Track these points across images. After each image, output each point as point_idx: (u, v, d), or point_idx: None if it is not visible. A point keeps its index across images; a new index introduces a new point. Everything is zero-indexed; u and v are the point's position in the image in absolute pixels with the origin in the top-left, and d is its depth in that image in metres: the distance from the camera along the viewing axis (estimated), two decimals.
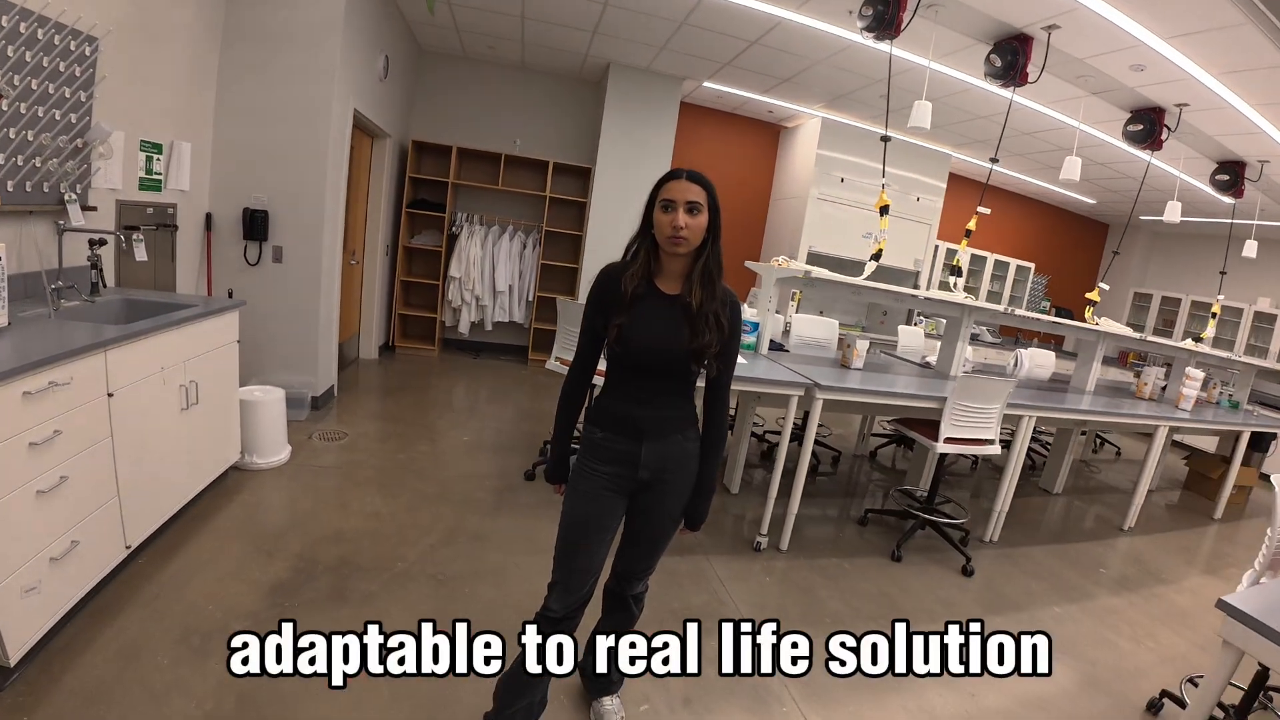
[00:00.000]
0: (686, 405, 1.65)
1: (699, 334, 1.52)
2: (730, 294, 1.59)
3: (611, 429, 1.61)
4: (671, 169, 1.56)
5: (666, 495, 1.65)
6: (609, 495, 1.62)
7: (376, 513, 3.02)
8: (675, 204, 1.48)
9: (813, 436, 3.12)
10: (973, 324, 4.31)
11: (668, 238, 1.50)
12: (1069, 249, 9.45)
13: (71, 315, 2.51)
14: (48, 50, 2.41)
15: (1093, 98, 4.67)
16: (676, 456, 1.62)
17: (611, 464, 1.60)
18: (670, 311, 1.55)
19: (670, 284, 1.58)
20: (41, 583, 1.85)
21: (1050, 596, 3.23)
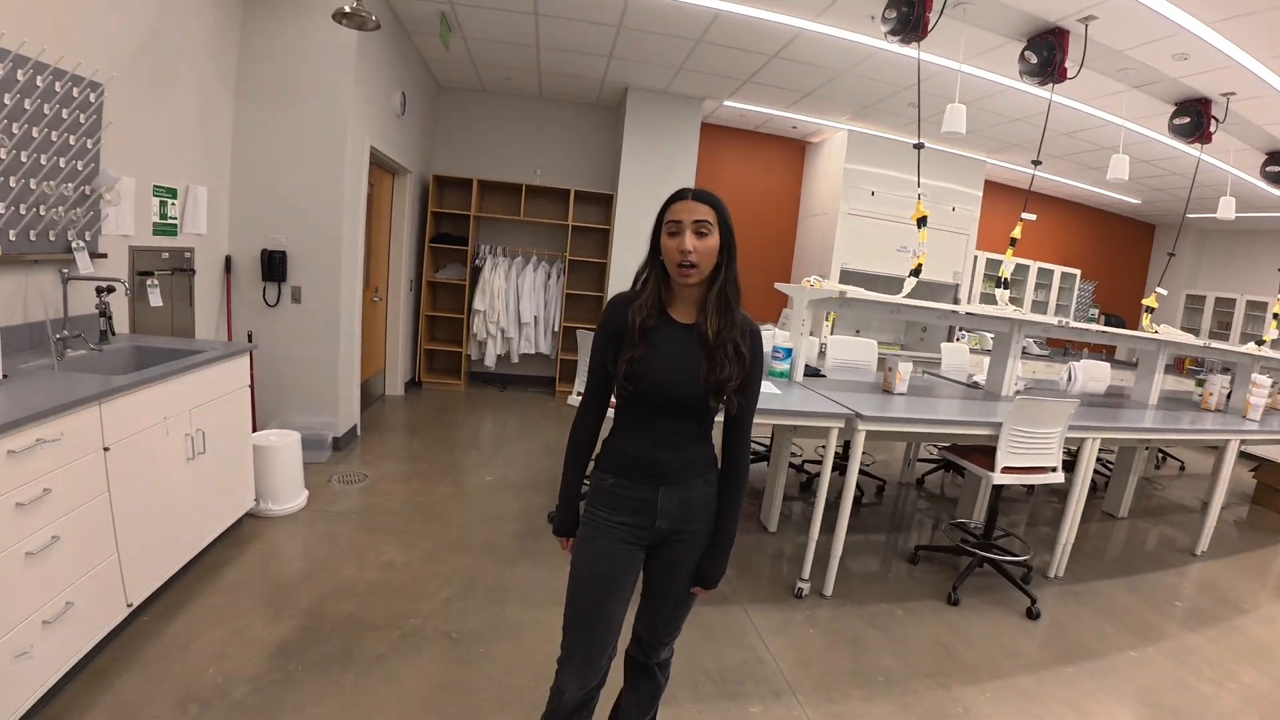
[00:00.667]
0: (706, 446, 1.50)
1: (718, 366, 1.37)
2: (750, 322, 1.45)
3: (625, 474, 1.45)
4: (677, 189, 1.42)
5: (691, 546, 1.49)
6: (624, 549, 1.46)
7: (392, 563, 2.86)
8: (682, 226, 1.35)
9: (856, 470, 2.87)
10: (1023, 338, 4.01)
11: (676, 265, 1.36)
12: (1115, 253, 8.99)
13: (76, 365, 2.44)
14: (47, 97, 2.38)
15: (1134, 92, 4.41)
16: (700, 502, 1.47)
17: (626, 514, 1.45)
18: (686, 343, 1.41)
19: (685, 312, 1.44)
20: (33, 647, 1.74)
21: (1124, 638, 2.91)
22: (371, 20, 3.16)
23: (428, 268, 6.19)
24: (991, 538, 3.41)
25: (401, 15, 4.50)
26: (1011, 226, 4.03)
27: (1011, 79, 4.43)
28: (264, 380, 4.06)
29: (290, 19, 3.76)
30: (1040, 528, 4.30)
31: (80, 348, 2.57)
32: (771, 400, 2.90)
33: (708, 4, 3.86)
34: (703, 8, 3.93)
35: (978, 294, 7.37)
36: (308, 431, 3.95)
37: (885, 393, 3.43)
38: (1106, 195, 7.85)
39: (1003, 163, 6.86)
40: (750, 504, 4.07)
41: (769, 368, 3.48)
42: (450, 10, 4.32)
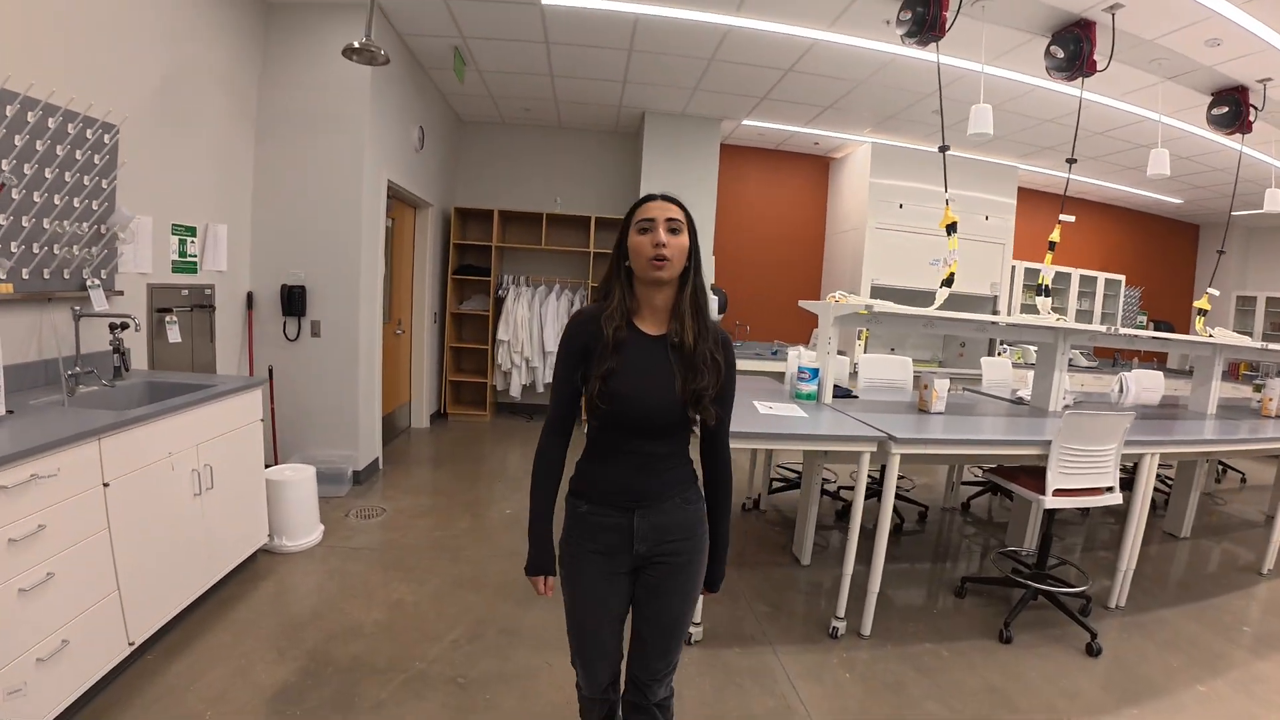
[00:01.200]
0: (683, 463, 1.45)
1: (696, 375, 1.33)
2: (721, 330, 1.43)
3: (598, 500, 1.41)
4: (646, 194, 1.40)
5: (675, 571, 1.43)
6: (607, 578, 1.42)
7: (401, 601, 2.74)
8: (654, 223, 1.33)
9: (892, 495, 2.65)
10: (1069, 349, 3.75)
11: (649, 259, 1.32)
12: (1160, 256, 8.56)
13: (87, 401, 2.44)
14: (59, 138, 2.42)
15: (1168, 83, 4.20)
16: (679, 523, 1.42)
17: (602, 542, 1.41)
18: (658, 354, 1.36)
19: (653, 323, 1.40)
20: (27, 685, 1.71)
21: (1191, 671, 2.63)
22: (381, 55, 3.17)
23: (451, 299, 6.20)
24: (1045, 567, 3.13)
25: (416, 52, 4.57)
26: (1049, 232, 3.81)
27: (1038, 78, 4.25)
28: (285, 414, 4.06)
29: (305, 57, 3.84)
30: (1097, 552, 3.97)
31: (93, 384, 2.58)
32: (798, 424, 2.73)
33: (716, 20, 3.81)
34: (712, 24, 3.88)
35: (1018, 305, 7.05)
36: (328, 465, 3.91)
37: (921, 412, 3.22)
38: (1147, 196, 7.50)
39: (1035, 167, 6.61)
40: (781, 534, 3.86)
41: (795, 390, 3.31)
42: (463, 44, 4.37)
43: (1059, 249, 3.85)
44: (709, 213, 6.04)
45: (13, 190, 2.25)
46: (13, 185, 2.24)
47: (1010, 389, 4.77)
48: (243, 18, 3.64)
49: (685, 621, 1.47)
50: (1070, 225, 3.74)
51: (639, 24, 3.95)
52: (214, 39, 3.41)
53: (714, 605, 2.83)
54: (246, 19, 3.68)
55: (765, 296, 6.99)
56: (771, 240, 7.06)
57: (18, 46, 2.27)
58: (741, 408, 2.96)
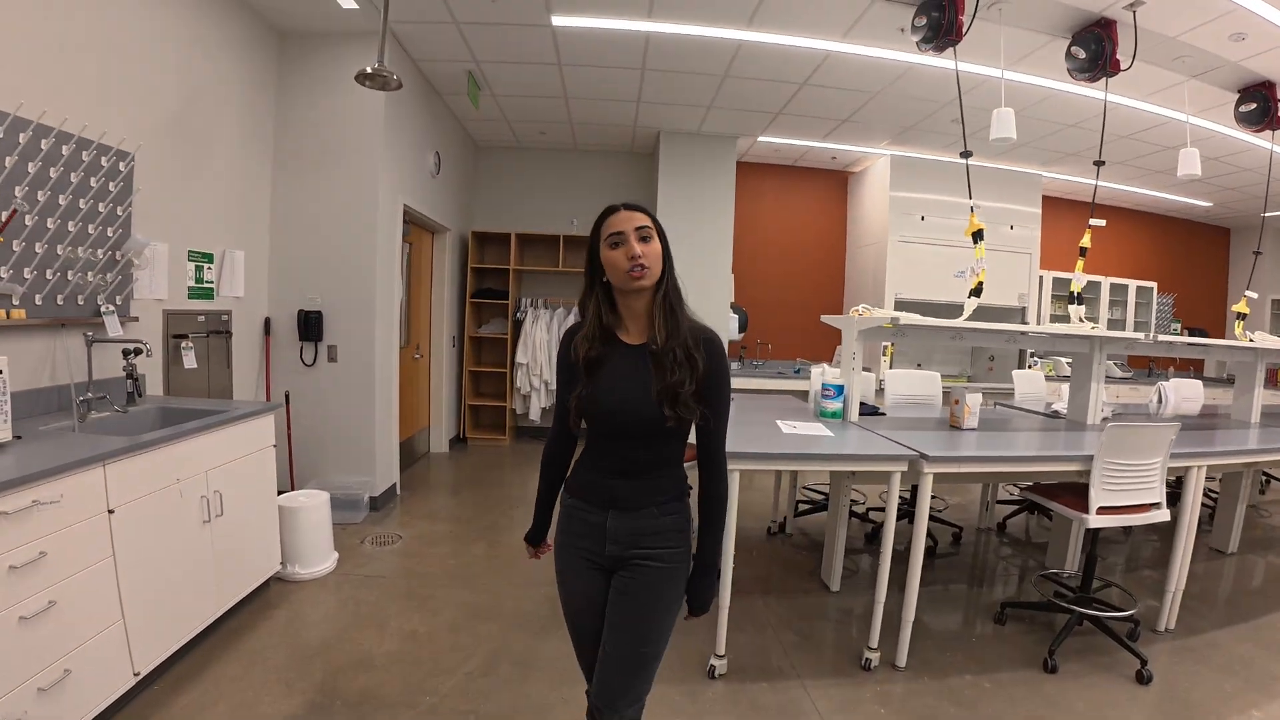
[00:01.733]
0: (668, 471, 1.44)
1: (669, 372, 1.33)
2: (706, 331, 1.42)
3: (581, 496, 1.47)
4: (606, 206, 1.41)
5: (644, 579, 1.40)
6: (588, 571, 1.46)
7: (414, 632, 2.65)
8: (625, 235, 1.34)
9: (925, 517, 2.51)
10: (1104, 358, 3.58)
11: (626, 271, 1.33)
12: (1190, 262, 8.29)
13: (98, 427, 2.42)
14: (74, 165, 2.44)
15: (1193, 81, 4.08)
16: (653, 530, 1.40)
17: (581, 536, 1.45)
18: (637, 363, 1.38)
19: (636, 332, 1.43)
20: (27, 714, 1.67)
21: (1247, 696, 2.44)
22: (394, 80, 3.17)
23: (470, 323, 6.20)
24: (1090, 590, 2.94)
25: (431, 78, 4.62)
26: (1077, 239, 3.67)
27: (1059, 81, 4.16)
28: (302, 439, 4.03)
29: (320, 84, 3.89)
30: (1141, 571, 3.76)
31: (105, 410, 2.56)
32: (823, 443, 2.61)
33: (728, 35, 3.79)
34: (724, 40, 3.85)
35: (1046, 316, 6.85)
36: (344, 491, 3.86)
37: (953, 429, 3.07)
38: (1175, 200, 7.28)
39: (1059, 174, 6.46)
40: (808, 559, 3.70)
41: (819, 408, 3.19)
42: (476, 68, 4.41)
43: (1089, 255, 3.70)
44: (727, 232, 5.98)
45: (26, 217, 2.26)
46: (25, 212, 2.25)
47: (1044, 402, 4.59)
48: (257, 46, 3.71)
49: (651, 638, 1.41)
50: (1099, 232, 3.58)
51: (650, 42, 3.94)
52: (229, 68, 3.47)
53: (739, 635, 2.69)
54: (261, 47, 3.74)
55: (786, 314, 6.88)
56: (791, 257, 6.97)
57: (32, 74, 2.29)
58: (764, 427, 2.85)
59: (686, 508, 1.47)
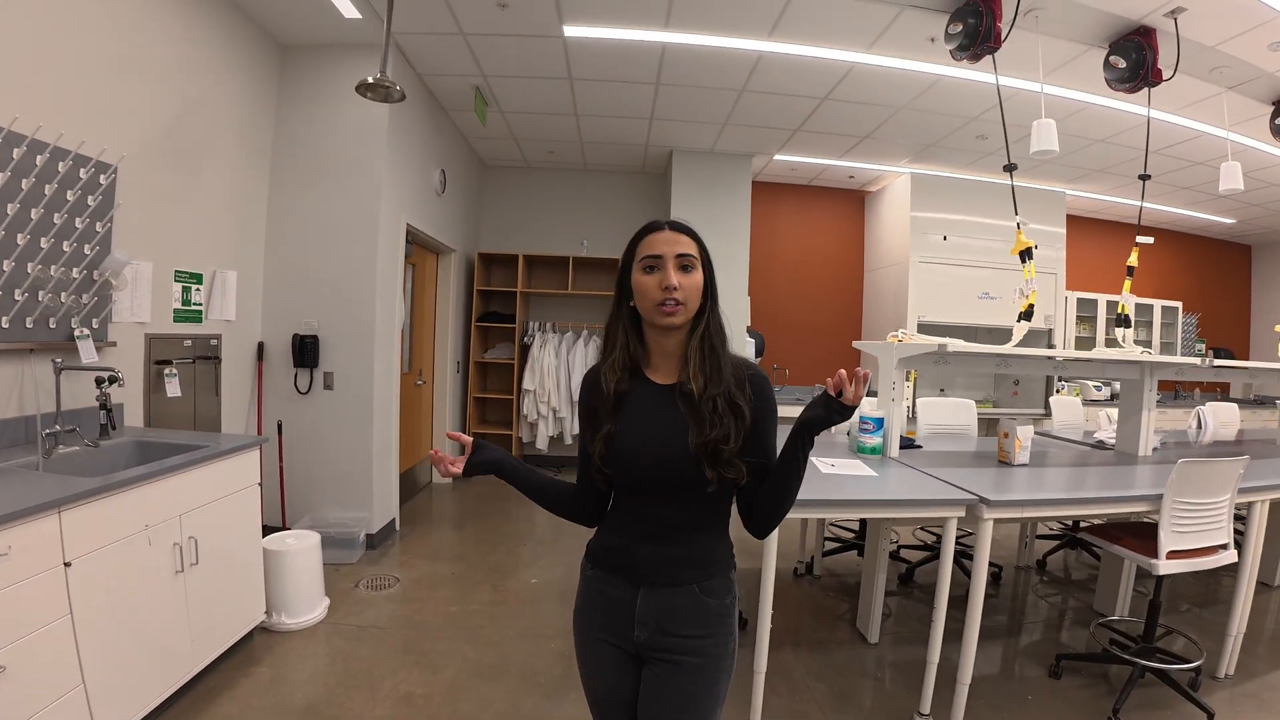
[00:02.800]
0: (707, 540, 1.21)
1: (708, 425, 1.11)
2: (749, 366, 1.21)
3: (603, 566, 1.24)
4: (648, 221, 1.22)
5: (679, 675, 1.17)
6: (615, 658, 1.22)
7: (410, 695, 2.37)
8: (663, 260, 1.15)
9: (985, 568, 2.22)
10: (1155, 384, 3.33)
11: (657, 304, 1.14)
12: (1212, 280, 8.04)
13: (63, 465, 2.20)
14: (47, 177, 2.24)
15: (1229, 94, 3.88)
16: (689, 614, 1.17)
17: (603, 614, 1.22)
18: (667, 405, 1.17)
19: (665, 371, 1.22)
20: None
21: None
22: (396, 91, 3.00)
23: (476, 348, 5.97)
24: (1154, 639, 2.65)
25: (437, 93, 4.46)
26: (1103, 260, 3.46)
27: (1090, 94, 3.98)
28: (295, 472, 3.79)
29: (321, 98, 3.72)
30: (1183, 607, 3.49)
31: (74, 443, 2.33)
32: (867, 486, 2.36)
33: (747, 45, 3.61)
34: (742, 51, 3.68)
35: (1072, 339, 6.59)
36: (339, 529, 3.61)
37: (1003, 464, 2.81)
38: (1198, 218, 7.07)
39: (1083, 192, 6.25)
40: (839, 603, 3.40)
41: (857, 443, 2.94)
42: (484, 83, 4.24)
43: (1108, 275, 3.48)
44: (743, 253, 5.77)
45: None
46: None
47: (1083, 430, 4.33)
48: (257, 60, 3.54)
49: None
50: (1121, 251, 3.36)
51: (666, 54, 3.76)
52: (226, 80, 3.30)
53: (772, 698, 2.41)
54: (260, 61, 3.58)
55: (804, 338, 6.63)
56: (808, 279, 6.75)
57: (4, 80, 2.11)
58: None
59: (733, 586, 1.24)
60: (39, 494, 1.72)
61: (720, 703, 1.21)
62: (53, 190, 2.27)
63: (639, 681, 1.21)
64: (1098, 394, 6.42)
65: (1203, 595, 3.65)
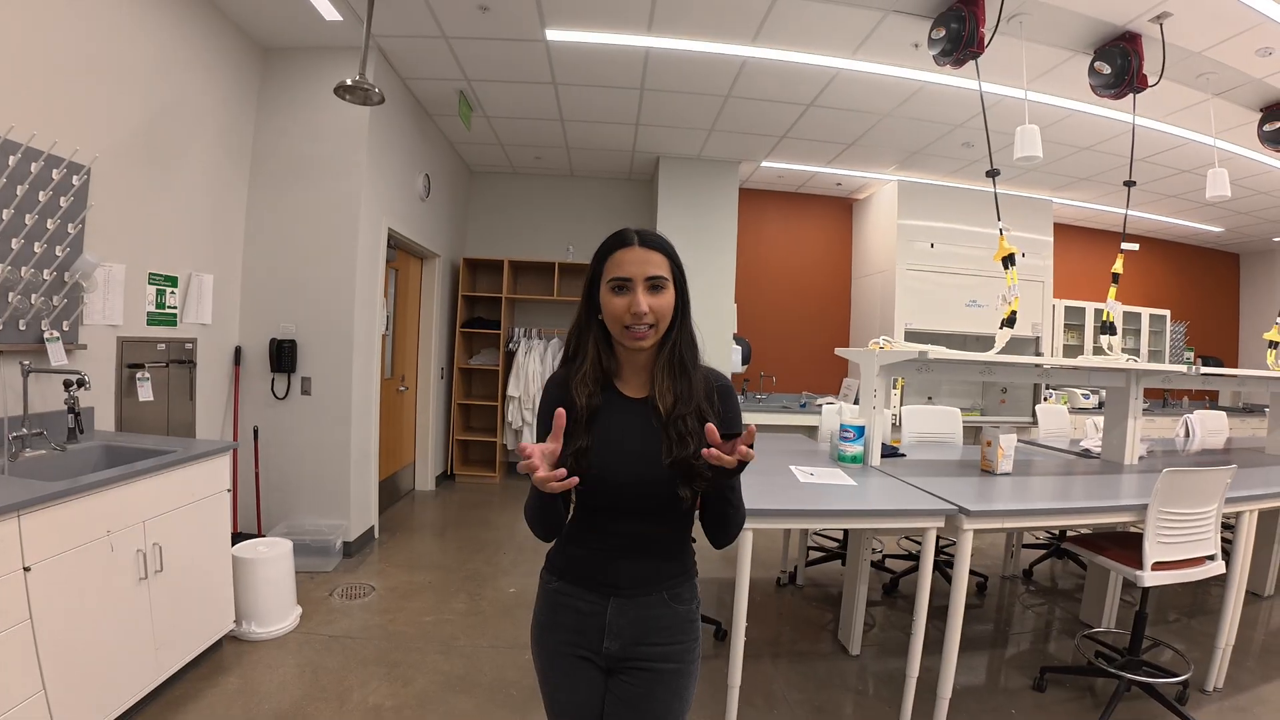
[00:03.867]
0: (676, 551, 1.21)
1: (680, 443, 1.09)
2: (716, 377, 1.21)
3: (571, 578, 1.20)
4: (616, 232, 1.16)
5: (652, 683, 1.16)
6: (583, 670, 1.19)
7: (379, 707, 2.32)
8: (632, 283, 1.11)
9: (965, 580, 2.19)
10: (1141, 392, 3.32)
11: (625, 329, 1.12)
12: (1201, 288, 8.09)
13: (30, 468, 2.16)
14: (18, 178, 2.21)
15: (1216, 100, 3.90)
16: (663, 624, 1.17)
17: (571, 628, 1.19)
18: (640, 421, 1.15)
19: (636, 384, 1.20)
20: None
21: None
22: (376, 94, 2.98)
23: (460, 354, 5.92)
24: (1140, 652, 2.63)
25: (421, 97, 4.43)
26: (1089, 268, 3.45)
27: (1076, 100, 3.98)
28: (271, 479, 3.73)
29: (302, 101, 3.69)
30: (1171, 617, 3.47)
31: (42, 447, 2.29)
32: (847, 495, 2.33)
33: (731, 51, 3.60)
34: (727, 57, 3.67)
35: (1059, 346, 6.60)
36: (315, 537, 3.55)
37: (985, 473, 2.78)
38: (1186, 226, 7.11)
39: (1071, 200, 6.27)
40: (823, 614, 3.36)
41: (837, 451, 2.91)
42: (468, 87, 4.22)
43: (1096, 284, 3.48)
44: (730, 260, 5.75)
45: None
46: None
47: (1069, 438, 4.32)
48: (237, 62, 3.51)
49: None
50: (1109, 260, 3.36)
51: (650, 59, 3.75)
52: (206, 82, 3.26)
53: (749, 710, 2.37)
54: (241, 63, 3.54)
55: (791, 345, 6.62)
56: (795, 286, 6.74)
57: None
58: (778, 474, 2.55)
59: (697, 591, 1.24)
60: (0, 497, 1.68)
61: (689, 707, 1.21)
62: (24, 191, 2.24)
63: (604, 693, 1.19)
64: (1085, 402, 6.42)
65: (1192, 605, 3.64)
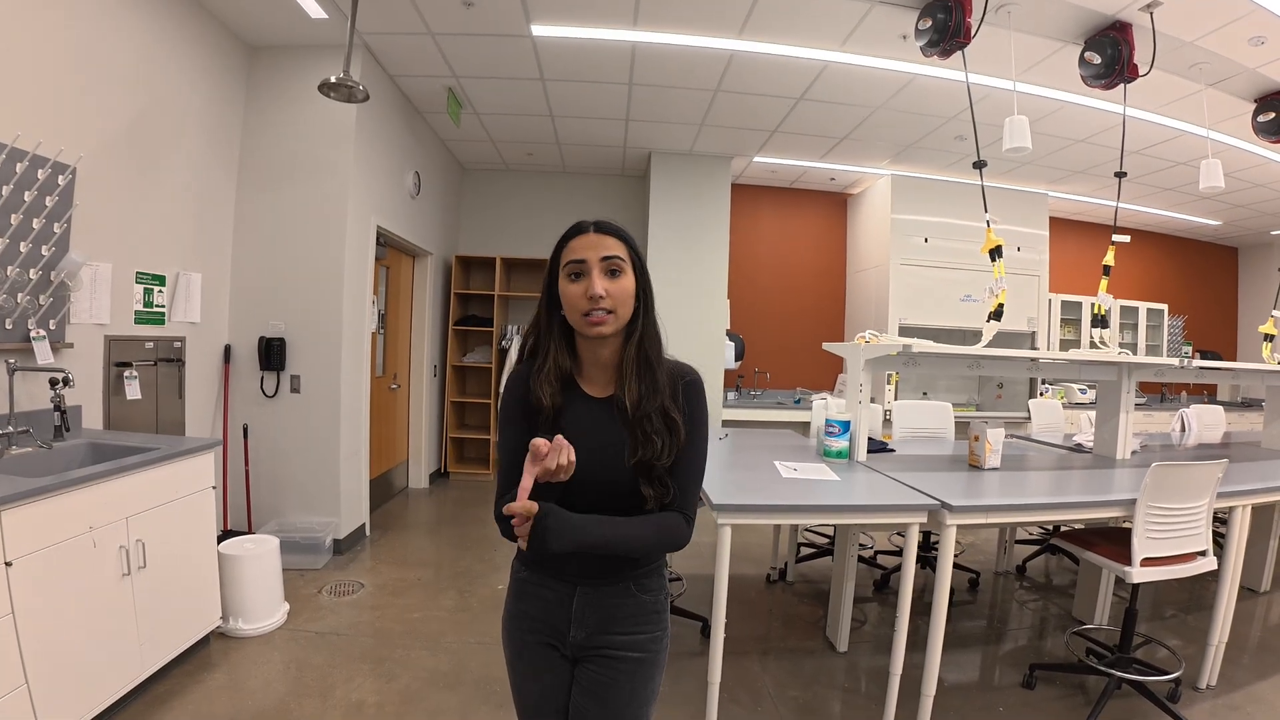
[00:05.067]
0: None
1: (645, 442, 1.09)
2: (684, 371, 1.18)
3: (538, 567, 1.19)
4: (574, 223, 1.16)
5: (616, 673, 1.16)
6: (548, 659, 1.19)
7: (361, 703, 2.32)
8: (587, 266, 1.10)
9: (948, 576, 2.18)
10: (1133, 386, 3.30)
11: (583, 315, 1.09)
12: (1199, 282, 8.05)
13: (14, 466, 2.16)
14: (3, 178, 2.23)
15: (1210, 91, 3.86)
16: (626, 614, 1.16)
17: (538, 616, 1.19)
18: (605, 420, 1.13)
19: (599, 383, 1.18)
20: None
21: None
22: (360, 91, 2.98)
23: (454, 352, 5.92)
24: (1130, 649, 2.62)
25: (410, 94, 4.43)
26: (1085, 262, 3.44)
27: (1068, 92, 3.96)
28: (261, 477, 3.73)
29: (289, 99, 3.69)
30: (1166, 613, 3.45)
31: (27, 445, 2.29)
32: (828, 491, 2.32)
33: (717, 44, 3.58)
34: (713, 50, 3.65)
35: (1056, 341, 6.57)
36: (305, 534, 3.55)
37: (973, 468, 2.77)
38: (1183, 219, 7.08)
39: (1066, 194, 6.24)
40: (812, 610, 3.36)
41: (823, 447, 2.90)
42: (456, 84, 4.21)
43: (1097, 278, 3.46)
44: (722, 256, 5.73)
45: None
46: None
47: (1063, 433, 4.31)
48: (223, 60, 3.50)
49: None
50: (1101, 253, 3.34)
51: (637, 54, 3.74)
52: (191, 80, 3.26)
53: (732, 707, 2.37)
54: (227, 61, 3.54)
55: (785, 341, 6.61)
56: (789, 282, 6.73)
57: None
58: (761, 471, 2.54)
59: (665, 581, 1.24)
60: None
61: (655, 697, 1.21)
62: (9, 191, 2.25)
63: (570, 683, 1.19)
64: (1083, 397, 6.40)
65: (1188, 600, 3.61)
